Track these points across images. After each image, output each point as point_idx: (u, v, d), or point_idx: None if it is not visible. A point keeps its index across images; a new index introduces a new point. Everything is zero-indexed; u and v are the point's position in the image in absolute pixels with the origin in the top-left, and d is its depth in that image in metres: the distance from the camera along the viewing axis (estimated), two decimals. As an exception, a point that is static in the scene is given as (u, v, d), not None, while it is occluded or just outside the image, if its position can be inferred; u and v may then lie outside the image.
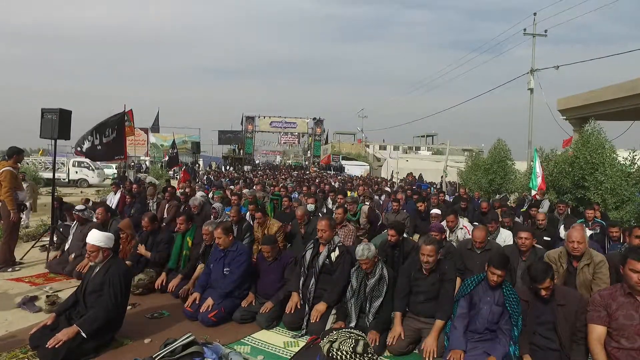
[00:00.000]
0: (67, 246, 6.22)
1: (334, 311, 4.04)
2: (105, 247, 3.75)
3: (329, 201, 8.87)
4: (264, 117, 44.83)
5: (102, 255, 3.73)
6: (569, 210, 11.93)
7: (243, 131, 44.76)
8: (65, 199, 13.13)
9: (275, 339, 4.04)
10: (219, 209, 6.85)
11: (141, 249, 5.41)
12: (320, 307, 4.05)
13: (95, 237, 3.73)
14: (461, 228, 6.21)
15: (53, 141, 6.96)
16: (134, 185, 10.35)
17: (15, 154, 6.19)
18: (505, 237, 5.98)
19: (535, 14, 19.15)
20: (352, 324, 3.79)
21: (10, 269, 6.05)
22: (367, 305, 3.95)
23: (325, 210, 7.93)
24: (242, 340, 3.98)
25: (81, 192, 19.85)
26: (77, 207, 6.44)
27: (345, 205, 6.55)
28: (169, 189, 9.12)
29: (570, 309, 3.23)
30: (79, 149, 10.28)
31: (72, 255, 5.97)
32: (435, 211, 6.75)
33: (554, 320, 3.26)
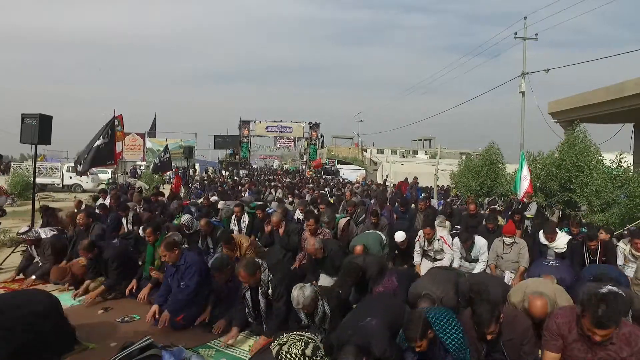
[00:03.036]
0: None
1: None
2: None
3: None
4: (260, 121, 44.93)
5: None
6: (560, 214, 11.97)
7: (239, 136, 44.81)
8: (58, 204, 13.19)
9: (243, 342, 4.04)
10: (188, 222, 6.68)
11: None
12: (261, 341, 3.86)
13: None
14: (438, 239, 5.95)
15: (34, 146, 6.98)
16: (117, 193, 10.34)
17: None
18: (480, 247, 5.79)
19: (525, 17, 19.29)
20: None
21: (-11, 274, 6.04)
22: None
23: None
24: (208, 343, 3.99)
25: (74, 197, 19.81)
26: (20, 230, 5.87)
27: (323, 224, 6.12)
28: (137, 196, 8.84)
29: (517, 341, 3.13)
30: (78, 168, 10.46)
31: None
32: (399, 236, 6.05)
33: (502, 356, 3.15)
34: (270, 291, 3.97)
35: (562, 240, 6.40)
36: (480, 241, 5.81)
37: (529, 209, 10.62)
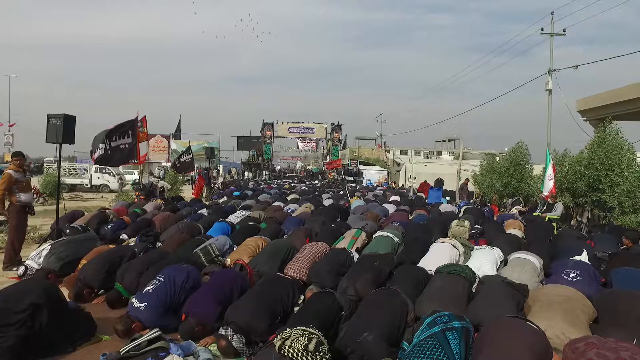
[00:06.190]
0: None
1: None
2: None
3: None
4: (282, 122, 45.20)
5: None
6: (589, 215, 11.52)
7: (262, 137, 45.22)
8: (86, 204, 13.64)
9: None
10: None
11: None
12: None
13: None
14: None
15: (58, 145, 7.20)
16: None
17: (16, 157, 6.55)
18: (498, 256, 5.30)
19: (552, 13, 18.71)
20: None
21: (15, 268, 6.26)
22: None
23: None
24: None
25: (102, 197, 20.48)
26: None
27: None
28: None
29: None
30: (93, 154, 10.67)
31: None
32: None
33: None
34: None
35: None
36: (488, 252, 5.42)
37: (554, 209, 10.26)
